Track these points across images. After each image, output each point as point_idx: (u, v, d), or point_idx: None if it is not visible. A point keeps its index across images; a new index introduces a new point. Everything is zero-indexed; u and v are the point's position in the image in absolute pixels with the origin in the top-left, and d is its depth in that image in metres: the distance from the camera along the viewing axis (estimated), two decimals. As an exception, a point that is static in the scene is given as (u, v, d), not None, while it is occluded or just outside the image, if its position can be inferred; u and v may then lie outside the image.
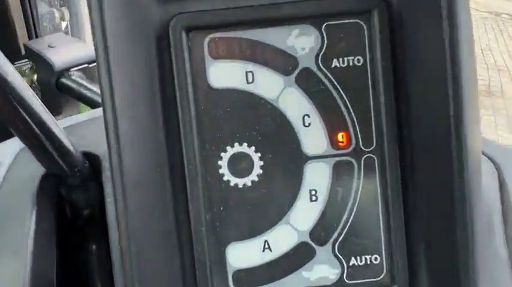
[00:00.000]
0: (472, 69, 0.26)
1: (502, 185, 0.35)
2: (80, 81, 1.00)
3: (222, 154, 0.25)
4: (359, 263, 0.26)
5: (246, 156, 0.25)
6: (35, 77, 1.04)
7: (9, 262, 0.35)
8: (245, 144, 0.25)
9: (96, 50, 0.24)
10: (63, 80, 0.99)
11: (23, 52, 1.03)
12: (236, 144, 0.25)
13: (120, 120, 0.23)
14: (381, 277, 0.26)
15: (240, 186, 0.25)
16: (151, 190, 0.24)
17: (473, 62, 0.26)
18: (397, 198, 0.25)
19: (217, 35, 0.25)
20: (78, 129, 0.44)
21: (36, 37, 1.12)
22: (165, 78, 0.25)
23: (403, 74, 0.25)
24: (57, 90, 0.98)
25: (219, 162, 0.25)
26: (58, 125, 0.37)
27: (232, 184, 0.25)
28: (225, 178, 0.25)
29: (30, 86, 1.02)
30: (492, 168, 0.36)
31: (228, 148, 0.25)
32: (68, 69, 1.02)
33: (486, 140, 0.39)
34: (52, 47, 1.04)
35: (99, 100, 1.02)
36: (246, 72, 0.25)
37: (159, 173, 0.24)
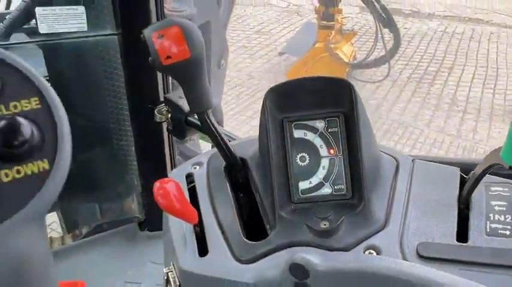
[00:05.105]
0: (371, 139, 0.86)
1: (397, 169, 0.94)
2: (201, 119, 1.59)
3: (295, 158, 0.88)
4: None
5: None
6: (169, 115, 1.53)
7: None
8: (305, 154, 0.88)
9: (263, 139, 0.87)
10: (189, 118, 1.59)
11: (161, 99, 1.64)
12: (300, 155, 0.88)
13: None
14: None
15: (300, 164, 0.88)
16: (272, 172, 0.85)
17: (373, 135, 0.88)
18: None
19: (297, 122, 0.88)
20: (235, 146, 1.05)
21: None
22: (281, 137, 0.87)
23: (355, 137, 0.85)
24: (185, 124, 1.46)
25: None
26: (228, 141, 0.98)
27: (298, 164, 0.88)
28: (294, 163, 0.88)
29: (166, 120, 1.60)
30: (394, 161, 0.95)
31: (295, 155, 0.88)
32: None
33: (393, 149, 0.99)
34: (182, 97, 1.64)
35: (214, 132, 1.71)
36: (304, 133, 0.88)
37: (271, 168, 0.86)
